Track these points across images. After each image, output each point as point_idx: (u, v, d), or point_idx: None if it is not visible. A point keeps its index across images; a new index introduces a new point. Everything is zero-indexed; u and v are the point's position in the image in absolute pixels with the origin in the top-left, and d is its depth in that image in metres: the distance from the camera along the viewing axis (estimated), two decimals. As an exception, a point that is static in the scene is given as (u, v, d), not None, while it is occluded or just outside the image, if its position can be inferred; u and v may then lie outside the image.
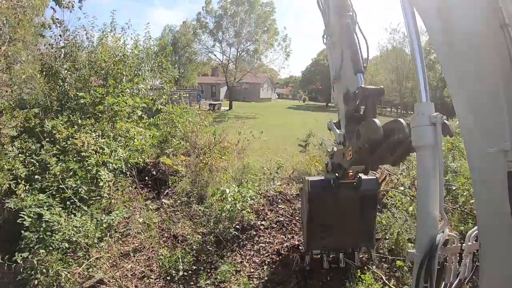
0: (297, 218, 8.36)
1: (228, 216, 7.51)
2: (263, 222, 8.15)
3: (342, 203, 6.01)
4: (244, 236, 7.60)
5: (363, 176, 5.81)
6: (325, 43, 6.84)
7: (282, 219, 8.34)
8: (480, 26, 2.85)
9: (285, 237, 7.67)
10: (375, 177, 6.38)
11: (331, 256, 6.38)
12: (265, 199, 9.15)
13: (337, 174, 5.75)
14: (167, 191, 9.70)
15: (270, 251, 7.19)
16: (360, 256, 6.42)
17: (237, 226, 7.64)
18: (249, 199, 7.80)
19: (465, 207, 7.52)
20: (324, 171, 6.40)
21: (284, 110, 58.46)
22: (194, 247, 7.13)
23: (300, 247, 7.12)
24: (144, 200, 8.82)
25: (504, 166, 2.57)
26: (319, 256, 6.26)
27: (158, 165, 10.39)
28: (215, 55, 58.43)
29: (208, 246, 7.16)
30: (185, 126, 11.64)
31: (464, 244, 3.44)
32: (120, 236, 7.48)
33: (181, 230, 7.81)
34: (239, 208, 7.43)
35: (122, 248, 7.22)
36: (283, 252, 7.06)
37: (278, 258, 6.93)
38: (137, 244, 7.41)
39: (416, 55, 3.44)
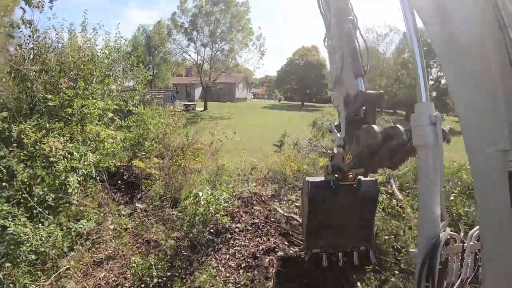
0: (272, 219, 8.28)
1: (201, 220, 7.32)
2: (238, 225, 7.99)
3: (341, 204, 6.11)
4: (219, 240, 7.43)
5: (363, 178, 5.89)
6: (326, 46, 6.77)
7: (257, 221, 8.21)
8: (479, 28, 2.85)
9: (261, 239, 7.54)
10: (374, 179, 6.41)
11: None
12: (240, 200, 9.01)
13: (336, 176, 5.86)
14: (140, 195, 9.47)
15: (245, 254, 7.05)
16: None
17: (211, 230, 7.47)
18: (222, 201, 7.63)
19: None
20: (324, 173, 6.46)
21: (259, 110, 58.40)
22: (168, 252, 6.94)
23: (276, 249, 7.05)
24: (117, 205, 8.65)
25: (504, 166, 2.57)
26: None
27: (131, 169, 10.17)
28: (189, 55, 58.13)
29: (182, 251, 6.98)
30: (157, 128, 11.40)
31: (465, 244, 3.50)
32: (91, 244, 7.21)
33: (155, 235, 7.60)
34: (213, 211, 7.25)
35: (95, 256, 6.95)
36: (259, 255, 6.94)
37: (254, 262, 6.80)
38: (110, 252, 7.15)
39: (416, 55, 3.51)
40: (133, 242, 7.39)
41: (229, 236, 7.60)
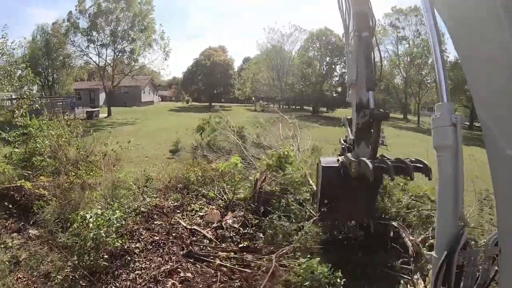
0: (174, 234, 7.86)
1: (93, 245, 6.50)
2: (137, 245, 7.38)
3: (349, 185, 6.76)
4: (118, 264, 6.75)
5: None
6: (344, 43, 7.87)
7: (158, 238, 7.70)
8: (499, 29, 2.74)
9: (162, 259, 7.02)
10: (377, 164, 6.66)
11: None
12: (140, 215, 8.39)
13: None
14: (34, 219, 8.36)
15: (147, 278, 6.47)
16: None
17: (105, 256, 6.66)
18: (115, 222, 6.88)
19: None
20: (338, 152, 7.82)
21: (166, 114, 57.05)
22: (65, 285, 6.14)
23: (179, 269, 6.65)
24: (9, 233, 7.71)
25: None
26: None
27: (22, 189, 9.05)
28: (90, 58, 54.91)
29: (80, 282, 6.20)
30: (43, 141, 10.35)
31: (483, 248, 3.49)
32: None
33: (50, 265, 6.70)
34: (104, 235, 6.48)
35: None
36: (160, 278, 6.43)
37: (155, 287, 6.28)
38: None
39: (437, 56, 3.51)
40: (28, 277, 6.41)
41: (129, 258, 6.95)
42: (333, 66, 75.55)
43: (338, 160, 7.21)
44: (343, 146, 7.41)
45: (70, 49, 54.49)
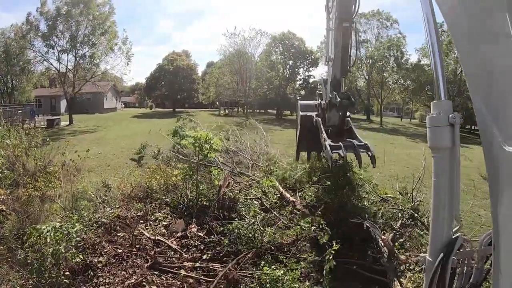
0: (137, 246, 7.59)
1: (53, 262, 6.21)
2: (100, 258, 7.08)
3: (316, 130, 9.72)
4: (81, 280, 6.45)
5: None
6: (326, 24, 9.26)
7: (121, 250, 7.43)
8: (500, 20, 2.69)
9: (126, 273, 6.78)
10: (348, 93, 9.15)
11: None
12: (102, 227, 8.09)
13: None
14: None
15: (111, 293, 6.24)
16: None
17: (67, 272, 6.33)
18: (74, 236, 6.62)
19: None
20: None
21: (129, 120, 56.10)
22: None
23: (144, 283, 6.42)
24: None
25: None
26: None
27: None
28: (51, 64, 53.14)
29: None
30: (-1, 152, 9.96)
31: (477, 249, 3.47)
32: None
33: (10, 285, 6.28)
34: (63, 250, 6.22)
35: None
36: (124, 294, 6.18)
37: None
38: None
39: (435, 54, 3.38)
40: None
41: (92, 273, 6.66)
42: (296, 70, 76.06)
43: (315, 106, 10.37)
44: (320, 92, 10.44)
45: (30, 54, 52.75)
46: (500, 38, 2.74)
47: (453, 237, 3.18)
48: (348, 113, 9.35)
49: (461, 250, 3.34)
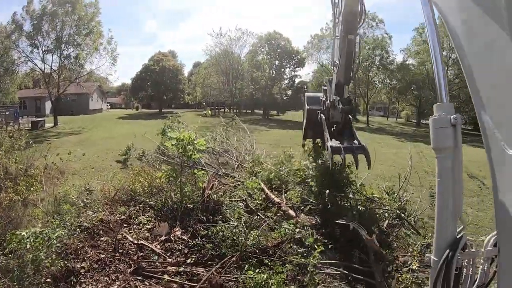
0: (121, 251, 7.48)
1: (34, 268, 6.07)
2: (83, 264, 6.94)
3: (320, 122, 10.59)
4: (62, 286, 6.30)
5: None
6: (332, 33, 10.44)
7: (104, 255, 7.30)
8: (498, 27, 2.79)
9: (109, 278, 6.67)
10: (350, 98, 9.82)
11: None
12: (85, 232, 7.94)
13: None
14: None
15: (93, 300, 6.11)
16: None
17: (48, 279, 6.22)
18: (55, 241, 6.49)
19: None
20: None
21: (115, 121, 55.41)
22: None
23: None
24: None
25: None
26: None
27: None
28: (35, 64, 52.27)
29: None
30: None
31: (482, 250, 3.41)
32: None
33: None
34: (43, 257, 6.09)
35: None
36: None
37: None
38: None
39: (437, 57, 3.47)
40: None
41: (74, 280, 6.51)
42: (283, 70, 75.99)
43: (320, 100, 11.01)
44: (325, 88, 10.75)
45: (14, 55, 51.88)
46: (500, 42, 2.79)
47: (458, 236, 3.22)
48: (349, 116, 9.69)
49: (466, 250, 3.34)
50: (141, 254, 7.48)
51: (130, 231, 8.38)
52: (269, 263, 7.06)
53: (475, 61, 3.10)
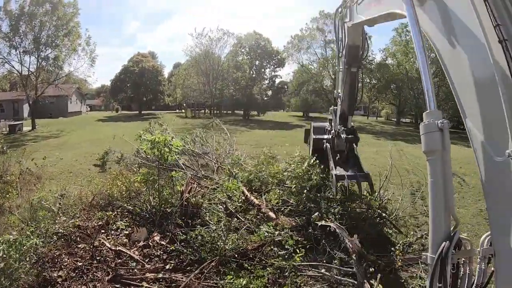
0: (98, 258, 7.34)
1: (7, 277, 5.91)
2: (60, 273, 6.77)
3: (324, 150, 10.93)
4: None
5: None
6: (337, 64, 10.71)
7: (81, 263, 7.15)
8: (481, 40, 3.19)
9: (86, 287, 6.52)
10: (353, 128, 10.16)
11: None
12: (62, 239, 7.81)
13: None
14: None
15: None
16: None
17: None
18: (30, 250, 6.36)
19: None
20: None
21: (94, 124, 54.62)
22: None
23: None
24: None
25: None
26: None
27: None
28: (12, 66, 51.03)
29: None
30: None
31: (478, 249, 3.60)
32: None
33: None
34: (16, 265, 5.95)
35: None
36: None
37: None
38: None
39: (424, 67, 3.85)
40: None
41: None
42: (263, 70, 76.02)
43: (325, 129, 11.28)
44: (330, 118, 11.04)
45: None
46: (482, 69, 3.24)
47: (452, 234, 3.43)
48: (354, 145, 10.11)
49: (462, 248, 3.55)
50: (119, 261, 7.36)
51: (108, 237, 8.25)
52: (249, 267, 7.03)
53: (461, 76, 3.51)
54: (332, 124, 10.77)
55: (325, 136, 11.22)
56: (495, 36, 3.02)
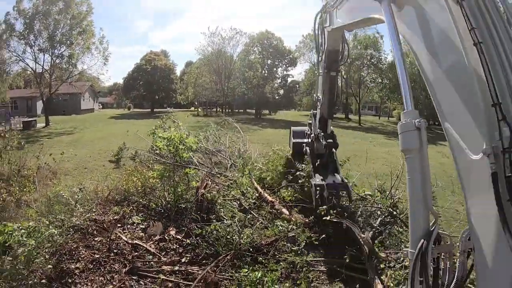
0: (115, 251, 7.48)
1: (27, 266, 6.01)
2: (77, 265, 6.90)
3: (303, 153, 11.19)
4: (57, 286, 6.26)
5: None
6: (316, 68, 11.55)
7: (98, 256, 7.28)
8: (456, 43, 3.31)
9: (104, 278, 6.67)
10: (333, 133, 10.00)
11: None
12: (79, 232, 7.92)
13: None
14: None
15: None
16: None
17: (43, 280, 6.12)
18: (46, 242, 6.47)
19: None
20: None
21: (107, 121, 55.00)
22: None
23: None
24: None
25: (488, 169, 2.87)
26: None
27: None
28: (27, 64, 51.53)
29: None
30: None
31: (457, 243, 3.71)
32: None
33: None
34: (35, 253, 6.05)
35: None
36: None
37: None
38: None
39: (401, 69, 3.97)
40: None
41: (69, 280, 6.48)
42: (275, 69, 75.92)
43: (305, 133, 11.26)
44: (309, 122, 10.90)
45: (5, 54, 51.13)
46: (458, 71, 3.34)
47: (431, 229, 3.48)
48: (333, 150, 9.90)
49: (441, 243, 3.64)
50: (136, 253, 7.51)
51: (124, 231, 8.39)
52: (263, 261, 7.14)
53: (438, 80, 3.61)
54: (312, 128, 10.74)
55: (305, 140, 11.24)
56: (470, 39, 3.10)
